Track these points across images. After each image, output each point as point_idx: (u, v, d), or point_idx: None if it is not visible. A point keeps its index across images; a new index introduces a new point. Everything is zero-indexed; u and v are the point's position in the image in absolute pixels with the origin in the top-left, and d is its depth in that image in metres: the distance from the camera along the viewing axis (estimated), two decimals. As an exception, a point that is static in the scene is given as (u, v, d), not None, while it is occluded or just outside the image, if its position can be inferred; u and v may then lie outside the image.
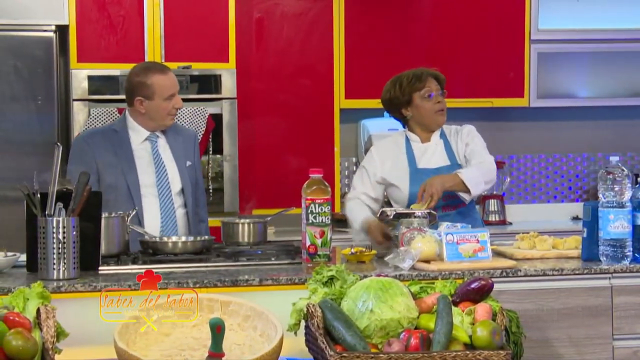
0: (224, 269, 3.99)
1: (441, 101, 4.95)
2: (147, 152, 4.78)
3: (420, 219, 4.26)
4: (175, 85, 4.76)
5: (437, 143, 4.98)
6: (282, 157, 6.37)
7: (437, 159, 4.95)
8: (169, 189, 4.74)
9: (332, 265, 3.32)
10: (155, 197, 4.72)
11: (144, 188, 4.71)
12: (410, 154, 4.96)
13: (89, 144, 4.76)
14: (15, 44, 5.81)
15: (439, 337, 3.00)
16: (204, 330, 3.13)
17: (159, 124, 4.77)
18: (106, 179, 4.68)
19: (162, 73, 4.74)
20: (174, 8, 6.00)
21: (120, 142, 4.75)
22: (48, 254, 3.71)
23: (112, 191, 4.61)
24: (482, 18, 6.68)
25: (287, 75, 6.40)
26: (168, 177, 4.76)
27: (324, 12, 6.42)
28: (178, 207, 4.78)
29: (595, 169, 7.17)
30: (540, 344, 3.98)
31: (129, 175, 4.70)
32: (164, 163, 4.77)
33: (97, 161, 4.69)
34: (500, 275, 3.92)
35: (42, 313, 2.94)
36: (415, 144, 4.99)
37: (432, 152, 4.96)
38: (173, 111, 4.76)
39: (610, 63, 6.95)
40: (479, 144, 4.95)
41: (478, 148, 4.92)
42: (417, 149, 4.98)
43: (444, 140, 4.98)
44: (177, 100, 4.75)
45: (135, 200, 4.66)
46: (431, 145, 4.98)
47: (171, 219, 4.73)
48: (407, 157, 4.96)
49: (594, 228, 4.08)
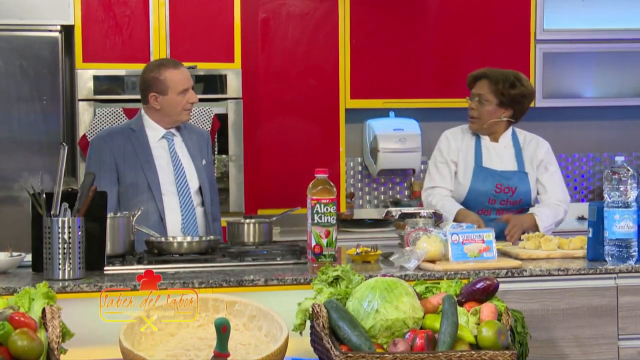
0: (229, 269, 3.99)
1: (474, 108, 4.95)
2: (164, 150, 4.79)
3: (425, 219, 4.25)
4: (189, 79, 4.78)
5: (506, 146, 4.99)
6: (287, 157, 6.37)
7: (505, 161, 4.95)
8: (188, 187, 4.75)
9: (337, 266, 3.32)
10: (175, 196, 4.73)
11: (164, 186, 4.72)
12: (478, 150, 4.97)
13: (108, 144, 4.75)
14: (21, 44, 5.81)
15: (444, 337, 3.00)
16: (209, 330, 3.13)
17: (174, 119, 4.78)
18: (127, 177, 4.68)
19: (174, 68, 4.75)
20: (179, 8, 6.00)
21: (138, 140, 4.75)
22: (53, 254, 3.71)
23: (134, 190, 4.63)
24: (488, 18, 6.68)
25: (292, 75, 6.40)
26: (186, 176, 4.77)
27: (329, 12, 6.42)
28: (197, 205, 4.79)
29: (601, 169, 7.17)
30: (545, 344, 3.98)
31: (149, 173, 4.70)
32: (181, 161, 4.78)
33: (117, 160, 4.70)
34: (506, 275, 3.92)
35: (48, 313, 2.94)
36: (484, 141, 5.00)
37: (501, 154, 4.97)
38: (188, 106, 4.77)
39: (616, 63, 6.94)
40: (557, 174, 5.00)
41: (558, 183, 4.98)
42: (485, 147, 4.99)
43: (514, 144, 4.98)
44: (191, 95, 4.76)
45: (156, 198, 4.67)
46: (499, 147, 4.98)
47: (192, 216, 4.73)
48: (475, 153, 4.97)
49: (599, 228, 4.08)
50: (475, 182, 4.89)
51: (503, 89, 4.90)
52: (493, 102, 4.92)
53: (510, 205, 4.89)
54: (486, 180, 4.89)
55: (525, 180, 4.92)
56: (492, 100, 4.92)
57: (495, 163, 4.94)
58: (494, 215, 4.83)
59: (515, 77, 4.95)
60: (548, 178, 4.95)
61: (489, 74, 4.94)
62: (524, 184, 4.91)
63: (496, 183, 4.88)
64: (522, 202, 4.92)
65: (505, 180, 4.90)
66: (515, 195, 4.89)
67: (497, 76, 4.92)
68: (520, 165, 4.94)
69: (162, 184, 4.72)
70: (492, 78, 4.92)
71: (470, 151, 4.97)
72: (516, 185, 4.89)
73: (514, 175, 4.92)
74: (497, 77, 4.92)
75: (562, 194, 4.96)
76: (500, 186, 4.88)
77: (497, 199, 4.88)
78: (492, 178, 4.89)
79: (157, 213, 4.65)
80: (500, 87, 4.90)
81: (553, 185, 4.95)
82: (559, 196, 4.93)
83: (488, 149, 4.97)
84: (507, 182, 4.90)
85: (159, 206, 4.65)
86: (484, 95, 4.92)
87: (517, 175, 4.92)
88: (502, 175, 4.90)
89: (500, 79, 4.91)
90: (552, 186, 4.94)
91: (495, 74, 4.94)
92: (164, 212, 4.68)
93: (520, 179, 4.92)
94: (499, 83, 4.90)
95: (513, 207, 4.89)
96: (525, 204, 4.94)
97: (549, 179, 4.95)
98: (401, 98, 6.52)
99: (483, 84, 4.93)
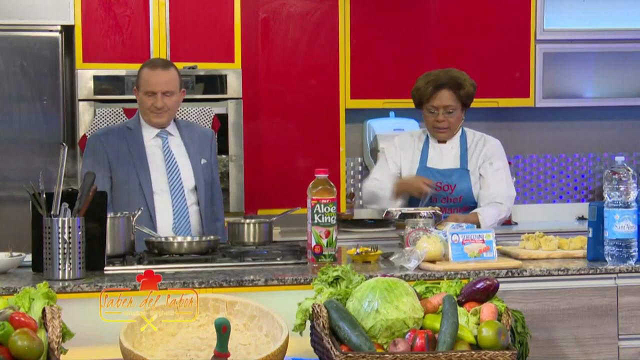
0: (229, 269, 3.99)
1: (443, 120, 4.95)
2: (159, 148, 4.80)
3: (425, 219, 4.25)
4: (160, 84, 4.72)
5: (453, 146, 5.01)
6: (287, 157, 6.37)
7: (448, 160, 4.98)
8: (182, 186, 4.75)
9: (337, 266, 3.33)
10: (167, 194, 4.73)
11: (156, 185, 4.72)
12: (425, 151, 5.00)
13: (102, 142, 4.79)
14: (21, 44, 5.81)
15: (444, 337, 3.00)
16: (209, 330, 3.13)
17: (145, 119, 4.79)
18: (119, 176, 4.70)
19: (150, 68, 4.76)
20: (179, 8, 6.01)
21: (134, 139, 4.77)
22: (53, 254, 3.71)
23: (125, 188, 4.64)
24: (488, 18, 6.68)
25: (292, 76, 6.40)
26: (180, 174, 4.77)
27: (329, 13, 6.42)
28: (191, 204, 4.79)
29: (601, 169, 7.17)
30: (545, 344, 3.98)
31: (141, 172, 4.71)
32: (175, 160, 4.78)
33: (110, 159, 4.72)
34: (506, 276, 3.92)
35: (48, 313, 2.94)
36: (432, 143, 5.03)
37: (446, 154, 4.99)
38: (153, 109, 4.74)
39: (616, 63, 6.94)
40: (502, 170, 4.98)
41: (503, 179, 4.96)
42: (432, 148, 5.03)
43: (461, 143, 4.99)
44: (156, 99, 4.72)
45: (147, 197, 4.67)
46: (446, 147, 5.01)
47: (184, 216, 4.73)
48: (421, 154, 5.00)
49: (599, 228, 4.08)
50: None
51: (462, 93, 4.92)
52: (458, 109, 4.96)
53: (452, 203, 4.90)
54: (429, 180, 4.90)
55: (466, 177, 4.94)
56: (457, 107, 4.95)
57: (440, 163, 4.98)
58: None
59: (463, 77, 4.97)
60: (492, 174, 4.94)
61: (445, 82, 4.92)
62: (464, 181, 4.92)
63: (436, 181, 4.90)
64: (462, 199, 4.92)
65: (445, 178, 4.93)
66: (454, 192, 4.91)
67: (452, 83, 4.92)
68: (464, 163, 4.96)
69: (153, 183, 4.72)
70: (450, 86, 4.91)
71: (416, 153, 5.03)
72: (455, 182, 4.91)
73: (454, 172, 4.95)
74: (452, 84, 4.92)
75: (506, 191, 4.94)
76: (440, 184, 4.91)
77: (438, 197, 4.89)
78: (432, 177, 4.92)
79: (147, 212, 4.65)
80: (461, 93, 4.92)
81: (496, 181, 4.93)
82: (501, 193, 4.91)
83: (435, 150, 5.03)
84: (447, 179, 4.93)
85: (149, 205, 4.65)
86: (451, 105, 4.93)
87: (457, 172, 4.95)
88: (442, 173, 4.94)
89: (455, 84, 4.91)
90: (494, 182, 4.93)
91: (449, 81, 4.92)
92: (154, 211, 4.68)
93: (461, 176, 4.93)
94: (459, 89, 4.91)
95: (455, 204, 4.90)
96: (467, 201, 4.93)
97: (493, 175, 4.94)
98: (401, 98, 6.50)
99: (445, 95, 4.92)
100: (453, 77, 4.94)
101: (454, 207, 4.89)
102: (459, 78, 4.94)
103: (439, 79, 4.94)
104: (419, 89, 4.99)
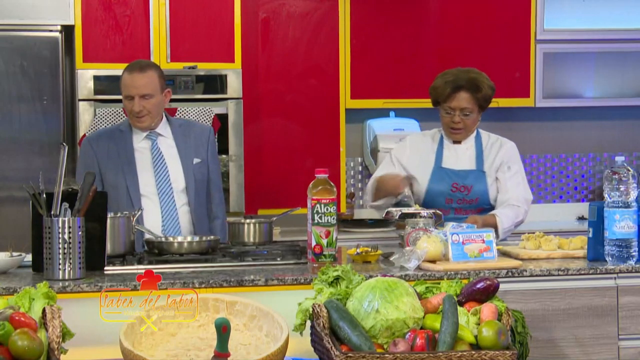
0: (229, 269, 3.99)
1: (459, 122, 4.91)
2: (147, 150, 4.78)
3: (426, 219, 4.25)
4: (136, 88, 4.69)
5: (468, 147, 4.99)
6: (287, 157, 6.37)
7: (464, 161, 4.95)
8: (170, 188, 4.74)
9: (337, 266, 3.33)
10: (155, 196, 4.72)
11: (144, 187, 4.72)
12: (440, 152, 4.97)
13: (92, 146, 4.80)
14: (21, 44, 5.82)
15: (444, 337, 3.00)
16: (209, 330, 3.13)
17: (130, 122, 4.78)
18: (108, 179, 4.70)
19: (128, 72, 4.75)
20: (179, 8, 6.00)
21: (124, 142, 4.77)
22: (54, 254, 3.72)
23: (114, 191, 4.61)
24: (488, 18, 6.68)
25: (292, 76, 6.40)
26: (169, 176, 4.76)
27: (329, 13, 6.42)
28: (181, 205, 4.77)
29: (601, 169, 7.17)
30: (545, 344, 3.98)
31: (128, 175, 4.71)
32: (165, 161, 4.77)
33: (100, 162, 4.72)
34: (506, 276, 3.92)
35: (48, 313, 2.94)
36: (447, 143, 5.00)
37: (461, 155, 4.97)
38: (134, 113, 4.71)
39: (616, 63, 6.94)
40: (519, 174, 4.98)
41: (520, 183, 4.95)
42: (447, 148, 4.99)
43: (477, 145, 4.97)
44: (135, 103, 4.69)
45: (134, 200, 4.66)
46: (461, 148, 4.98)
47: (173, 218, 4.72)
48: (435, 155, 4.97)
49: (599, 228, 4.08)
50: (432, 182, 4.90)
51: (479, 96, 4.88)
52: (475, 111, 4.92)
53: (468, 205, 4.88)
54: (442, 180, 4.89)
55: (482, 179, 4.91)
56: (474, 109, 4.91)
57: (454, 163, 4.96)
58: (453, 215, 4.80)
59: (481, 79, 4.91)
60: (509, 178, 4.92)
61: (464, 84, 4.86)
62: (481, 183, 4.90)
63: (452, 182, 4.89)
64: (479, 201, 4.89)
65: (461, 179, 4.90)
66: (471, 194, 4.88)
67: (470, 85, 4.86)
68: (480, 164, 4.94)
69: (141, 186, 4.71)
70: (468, 88, 4.86)
71: (431, 154, 4.99)
72: (472, 183, 4.88)
73: (470, 174, 4.92)
74: (470, 86, 4.86)
75: (523, 194, 4.92)
76: (456, 185, 4.89)
77: (453, 199, 4.88)
78: (448, 178, 4.89)
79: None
80: (479, 95, 4.88)
81: (514, 185, 4.91)
82: (519, 196, 4.89)
83: (450, 151, 4.99)
84: (463, 180, 4.90)
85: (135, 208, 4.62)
86: (468, 107, 4.89)
87: (473, 173, 4.91)
88: (458, 175, 4.91)
89: (473, 86, 4.86)
90: (512, 186, 4.91)
91: (467, 83, 4.86)
92: (142, 214, 4.65)
93: (477, 177, 4.91)
94: (477, 92, 4.87)
95: (470, 206, 4.88)
96: (483, 203, 4.91)
97: (510, 178, 4.92)
98: (401, 98, 6.51)
99: (462, 97, 4.87)
100: (471, 79, 4.87)
101: (470, 208, 4.87)
102: (477, 80, 4.87)
103: (457, 81, 4.87)
104: (437, 88, 4.92)
